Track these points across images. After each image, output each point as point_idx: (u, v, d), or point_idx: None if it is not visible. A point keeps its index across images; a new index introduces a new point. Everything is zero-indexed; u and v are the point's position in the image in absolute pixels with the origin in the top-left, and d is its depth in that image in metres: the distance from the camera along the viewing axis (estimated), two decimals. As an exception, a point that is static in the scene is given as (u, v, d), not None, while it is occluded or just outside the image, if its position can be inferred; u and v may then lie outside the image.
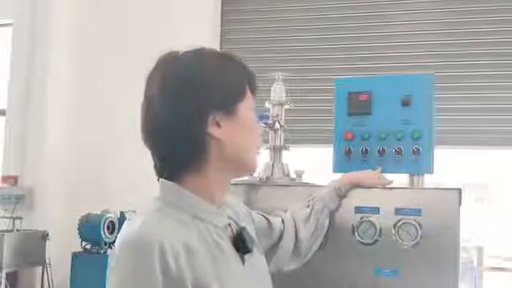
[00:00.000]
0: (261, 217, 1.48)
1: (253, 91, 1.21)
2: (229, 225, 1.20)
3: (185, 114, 1.10)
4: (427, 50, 3.98)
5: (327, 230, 1.61)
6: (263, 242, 1.43)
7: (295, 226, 1.54)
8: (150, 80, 1.16)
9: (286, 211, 1.59)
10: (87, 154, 4.57)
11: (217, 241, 1.12)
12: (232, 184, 1.75)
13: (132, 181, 3.83)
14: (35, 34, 4.72)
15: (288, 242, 1.51)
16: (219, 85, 1.14)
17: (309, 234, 1.55)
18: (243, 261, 1.18)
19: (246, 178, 1.88)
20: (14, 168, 4.67)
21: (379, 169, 1.70)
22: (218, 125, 1.12)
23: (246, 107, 1.18)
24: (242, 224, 1.24)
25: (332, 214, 1.62)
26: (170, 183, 1.14)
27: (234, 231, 1.19)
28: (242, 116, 1.16)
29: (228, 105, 1.14)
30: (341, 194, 1.63)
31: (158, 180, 1.17)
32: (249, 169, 1.23)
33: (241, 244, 1.17)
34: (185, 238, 1.06)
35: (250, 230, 1.27)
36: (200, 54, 1.17)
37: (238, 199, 1.64)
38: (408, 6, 4.10)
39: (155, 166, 1.17)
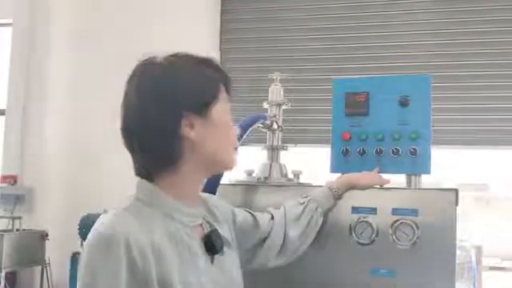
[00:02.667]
0: (247, 214, 1.49)
1: (228, 94, 1.25)
2: (201, 224, 1.23)
3: (159, 117, 1.15)
4: (425, 51, 3.98)
5: (320, 230, 1.61)
6: (248, 239, 1.45)
7: (285, 223, 1.55)
8: (128, 84, 1.21)
9: (279, 208, 1.59)
10: (87, 153, 4.58)
11: (185, 240, 1.16)
12: (230, 184, 1.78)
13: (132, 181, 3.83)
14: (34, 34, 4.74)
15: (275, 240, 1.51)
16: (192, 88, 1.18)
17: (298, 233, 1.55)
18: (212, 260, 1.21)
19: (244, 178, 1.90)
20: (14, 167, 4.68)
21: (376, 169, 1.71)
22: (191, 126, 1.16)
23: (220, 109, 1.21)
24: (215, 225, 1.27)
25: (326, 214, 1.63)
26: (145, 182, 1.19)
27: (206, 231, 1.23)
28: (215, 118, 1.20)
29: (201, 107, 1.18)
30: (336, 195, 1.63)
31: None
32: (224, 168, 1.30)
33: (210, 245, 1.21)
34: (152, 234, 1.09)
35: (226, 231, 1.31)
36: (176, 60, 1.21)
37: (234, 199, 1.66)
38: (406, 6, 4.09)
39: (133, 165, 1.22)
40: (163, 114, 1.15)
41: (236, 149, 1.27)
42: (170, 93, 1.16)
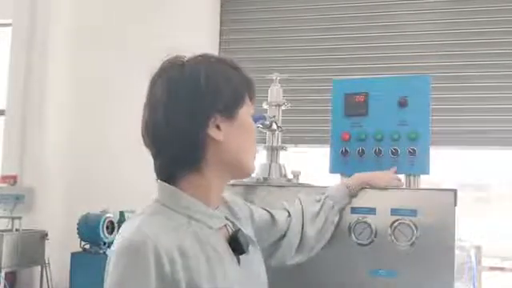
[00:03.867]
0: (264, 212, 1.49)
1: (251, 98, 1.25)
2: (225, 226, 1.22)
3: (188, 118, 1.14)
4: (425, 51, 3.99)
5: (335, 228, 1.60)
6: (265, 237, 1.44)
7: (303, 221, 1.54)
8: (154, 85, 1.18)
9: (296, 203, 1.59)
10: (86, 153, 4.58)
11: (212, 242, 1.14)
12: (230, 185, 1.77)
13: (131, 181, 3.84)
14: (34, 34, 4.74)
15: (292, 237, 1.51)
16: (222, 90, 1.17)
17: (316, 230, 1.55)
18: (239, 261, 1.20)
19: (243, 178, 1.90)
20: (14, 167, 4.68)
21: (393, 169, 1.70)
22: (218, 127, 1.16)
23: (245, 112, 1.22)
24: (238, 225, 1.26)
25: (341, 212, 1.62)
26: (168, 185, 1.17)
27: (230, 232, 1.21)
28: (242, 120, 1.20)
29: (229, 109, 1.18)
30: (352, 192, 1.63)
31: (157, 181, 1.20)
32: (245, 172, 1.26)
33: (235, 245, 1.19)
34: (180, 240, 1.08)
35: (248, 231, 1.29)
36: (204, 60, 1.20)
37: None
38: (406, 6, 4.10)
39: (155, 168, 1.20)
40: (192, 114, 1.14)
41: (255, 154, 1.27)
42: (199, 93, 1.15)
